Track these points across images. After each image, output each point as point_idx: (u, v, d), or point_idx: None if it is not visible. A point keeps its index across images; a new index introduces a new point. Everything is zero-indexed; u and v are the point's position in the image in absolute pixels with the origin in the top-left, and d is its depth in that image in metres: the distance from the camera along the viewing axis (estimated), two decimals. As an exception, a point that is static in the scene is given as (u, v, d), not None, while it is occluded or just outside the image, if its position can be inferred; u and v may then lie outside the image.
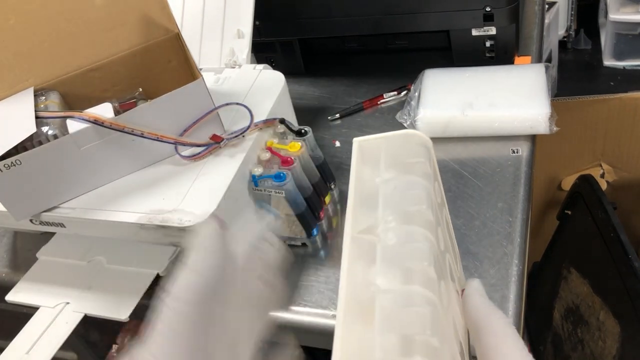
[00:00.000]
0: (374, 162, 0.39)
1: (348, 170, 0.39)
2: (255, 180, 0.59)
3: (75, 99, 0.62)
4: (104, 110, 0.56)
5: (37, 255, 0.69)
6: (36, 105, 0.57)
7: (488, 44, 0.79)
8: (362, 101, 0.82)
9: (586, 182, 1.00)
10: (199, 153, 0.59)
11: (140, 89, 0.64)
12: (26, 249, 0.74)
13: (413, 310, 0.30)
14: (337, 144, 0.76)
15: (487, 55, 0.80)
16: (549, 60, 1.12)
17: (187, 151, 0.60)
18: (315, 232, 0.63)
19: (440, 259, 0.35)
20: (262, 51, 0.88)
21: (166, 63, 0.64)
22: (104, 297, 0.61)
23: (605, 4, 1.15)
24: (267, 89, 0.66)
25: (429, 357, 0.29)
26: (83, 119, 0.54)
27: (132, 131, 0.56)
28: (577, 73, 1.23)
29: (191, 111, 0.59)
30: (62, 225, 0.58)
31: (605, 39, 1.19)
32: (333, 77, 0.89)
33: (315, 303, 0.59)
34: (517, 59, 0.82)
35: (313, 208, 0.62)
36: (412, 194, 0.36)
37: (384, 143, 0.39)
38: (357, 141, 0.40)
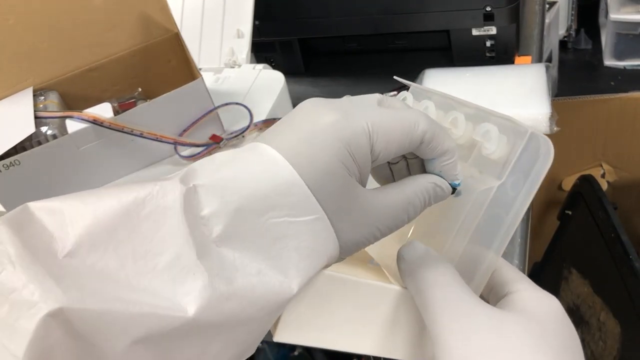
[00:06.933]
0: None
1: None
2: (254, 181, 0.58)
3: (74, 99, 0.62)
4: (103, 110, 0.55)
5: (37, 255, 0.69)
6: (35, 105, 0.56)
7: (488, 43, 0.79)
8: (362, 101, 0.82)
9: (587, 182, 1.00)
10: (199, 153, 0.59)
11: (140, 89, 0.64)
12: (26, 249, 0.74)
13: None
14: (337, 144, 0.76)
15: (488, 55, 0.80)
16: (549, 60, 1.11)
17: (187, 151, 0.59)
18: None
19: None
20: (261, 51, 0.88)
21: (165, 63, 0.64)
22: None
23: (606, 4, 1.15)
24: (267, 88, 0.66)
25: None
26: (82, 119, 0.54)
27: (132, 131, 0.55)
28: (578, 73, 1.23)
29: (190, 111, 0.58)
30: (61, 225, 0.58)
31: (606, 38, 1.18)
32: (333, 77, 0.89)
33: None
34: (517, 59, 0.82)
35: (313, 208, 0.62)
36: None
37: None
38: None
